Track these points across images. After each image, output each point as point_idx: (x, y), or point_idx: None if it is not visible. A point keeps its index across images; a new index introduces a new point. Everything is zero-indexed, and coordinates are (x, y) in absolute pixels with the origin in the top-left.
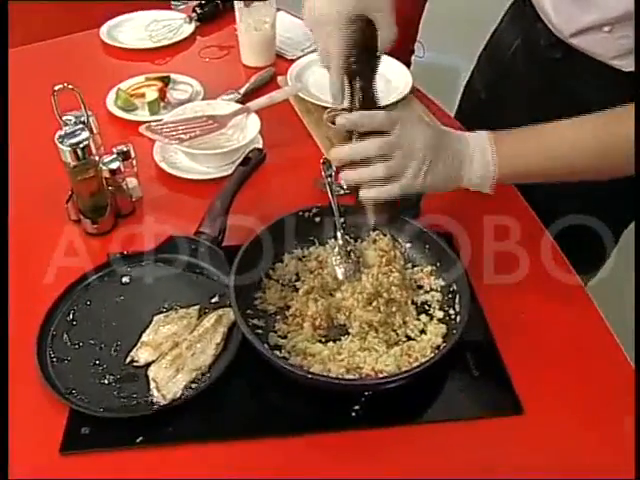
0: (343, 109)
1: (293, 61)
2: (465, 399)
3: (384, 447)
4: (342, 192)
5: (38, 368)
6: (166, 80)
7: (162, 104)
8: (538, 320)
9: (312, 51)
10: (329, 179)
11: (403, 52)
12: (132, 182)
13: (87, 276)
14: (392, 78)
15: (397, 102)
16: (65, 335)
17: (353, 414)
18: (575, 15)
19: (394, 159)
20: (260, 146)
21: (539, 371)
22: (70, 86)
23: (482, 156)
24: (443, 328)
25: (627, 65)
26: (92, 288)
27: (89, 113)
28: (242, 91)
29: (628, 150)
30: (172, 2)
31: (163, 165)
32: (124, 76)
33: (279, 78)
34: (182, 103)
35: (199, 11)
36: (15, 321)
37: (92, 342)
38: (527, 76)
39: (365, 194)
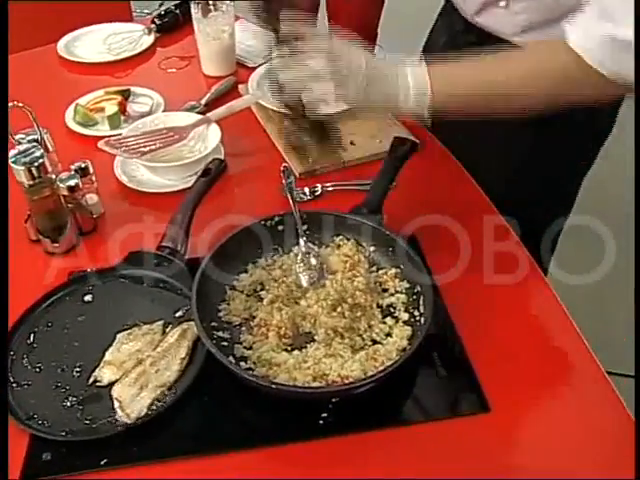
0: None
1: (254, 69)
2: (433, 399)
3: (355, 453)
4: (305, 199)
5: None
6: (126, 93)
7: (122, 118)
8: (505, 317)
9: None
10: (290, 186)
11: None
12: (92, 198)
13: (48, 297)
14: None
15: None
16: (25, 359)
17: (321, 422)
18: None
19: (338, 73)
20: (221, 156)
21: (506, 370)
22: (20, 104)
23: (415, 77)
24: (409, 330)
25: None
26: (53, 309)
27: (43, 130)
28: (203, 101)
29: (557, 71)
30: (134, 14)
31: (124, 179)
32: (83, 91)
33: (240, 87)
34: (143, 116)
35: (158, 22)
36: None
37: (53, 364)
38: None
39: (319, 111)
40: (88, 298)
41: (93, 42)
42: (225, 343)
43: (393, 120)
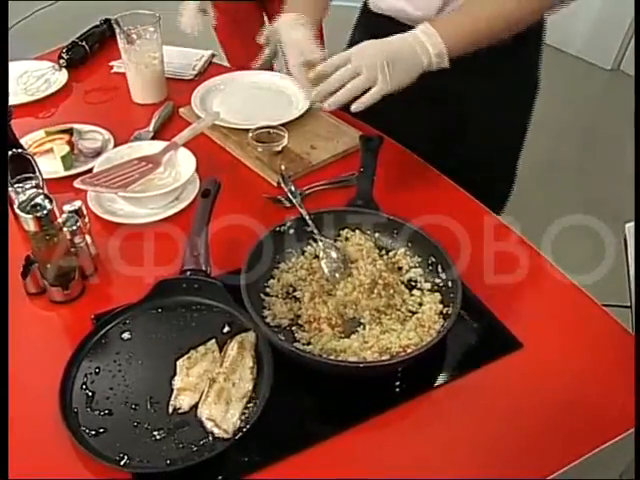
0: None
1: (189, 82)
2: (475, 348)
3: (436, 409)
4: (296, 201)
5: (79, 445)
6: (70, 131)
7: (73, 156)
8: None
9: (203, 71)
10: (291, 191)
11: None
12: (88, 239)
13: (83, 345)
14: (292, 95)
15: (299, 117)
16: (88, 409)
17: (397, 390)
18: None
19: (363, 74)
20: (196, 178)
21: (523, 312)
22: (19, 150)
23: (430, 39)
24: (437, 295)
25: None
26: (94, 355)
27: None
28: (151, 128)
29: None
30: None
31: (107, 217)
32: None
33: (182, 110)
34: (97, 151)
35: (66, 57)
36: (24, 420)
37: (122, 405)
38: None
39: (360, 102)
40: (126, 336)
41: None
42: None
43: (338, 122)
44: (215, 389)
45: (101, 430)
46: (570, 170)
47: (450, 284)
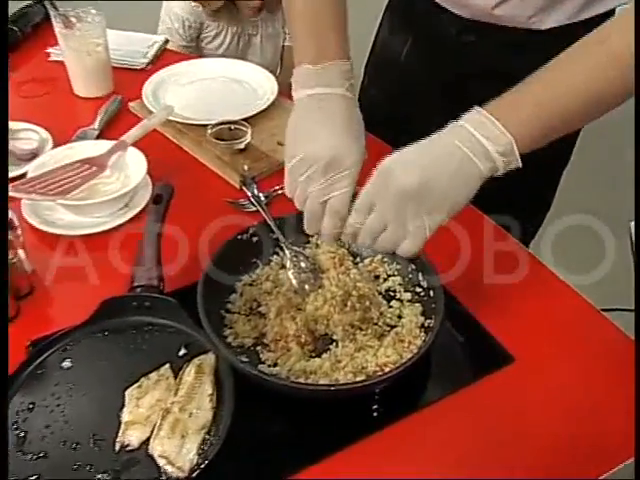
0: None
1: (139, 73)
2: (462, 364)
3: (418, 433)
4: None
5: None
6: None
7: None
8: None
9: (156, 59)
10: (254, 194)
11: None
12: (21, 255)
13: (15, 377)
14: (257, 86)
15: (264, 110)
16: (19, 452)
17: (375, 414)
18: None
19: (389, 229)
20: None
21: (512, 323)
22: None
23: (483, 130)
24: (418, 306)
25: (543, 22)
26: (26, 388)
27: None
28: (96, 126)
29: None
30: None
31: (44, 228)
32: None
33: (131, 104)
34: (32, 153)
35: None
36: None
37: (62, 445)
38: (430, 74)
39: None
40: (67, 364)
41: None
42: (249, 366)
43: None
44: (169, 421)
45: (33, 477)
46: (570, 170)
47: (432, 293)
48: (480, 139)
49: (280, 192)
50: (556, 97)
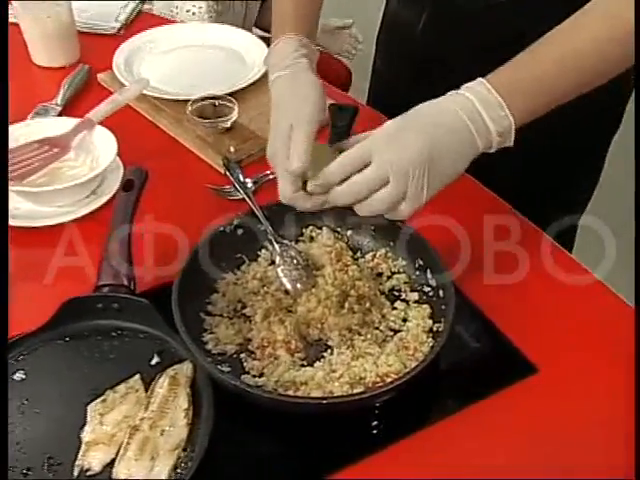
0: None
1: (110, 39)
2: (476, 374)
3: (422, 453)
4: (253, 188)
5: None
6: None
7: None
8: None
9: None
10: (239, 181)
11: None
12: None
13: None
14: (246, 55)
15: (254, 83)
16: None
17: (374, 431)
18: None
19: (390, 186)
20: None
21: (538, 329)
22: None
23: (489, 109)
24: (426, 308)
25: None
26: None
27: None
28: (59, 100)
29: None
30: None
31: None
32: None
33: (100, 76)
34: None
35: None
36: None
37: (10, 471)
38: (453, 48)
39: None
40: (20, 376)
41: None
42: (231, 377)
43: None
44: (137, 440)
45: None
46: None
47: (442, 293)
48: (486, 120)
49: (272, 177)
50: (564, 73)
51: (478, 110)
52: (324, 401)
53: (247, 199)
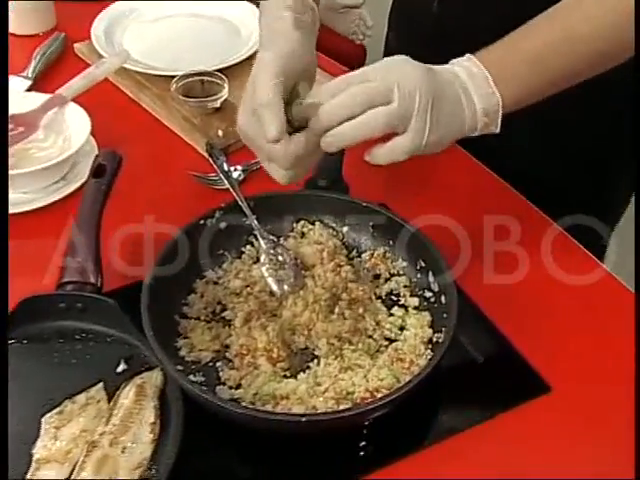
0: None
1: (88, 5)
2: (480, 392)
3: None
4: (242, 176)
5: None
6: None
7: None
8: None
9: None
10: (222, 169)
11: None
12: None
13: None
14: (240, 26)
15: (248, 58)
16: None
17: (362, 453)
18: None
19: (395, 103)
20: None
21: (551, 342)
22: None
23: (475, 84)
24: (427, 316)
25: None
26: None
27: None
28: (30, 73)
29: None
30: None
31: None
32: None
33: (77, 46)
34: None
35: None
36: None
37: None
38: (474, 24)
39: (376, 153)
40: None
41: None
42: (203, 388)
43: None
44: (94, 458)
45: None
46: None
47: (444, 299)
48: (473, 96)
49: (256, 167)
50: (557, 55)
51: (462, 79)
52: (303, 418)
53: (231, 188)
